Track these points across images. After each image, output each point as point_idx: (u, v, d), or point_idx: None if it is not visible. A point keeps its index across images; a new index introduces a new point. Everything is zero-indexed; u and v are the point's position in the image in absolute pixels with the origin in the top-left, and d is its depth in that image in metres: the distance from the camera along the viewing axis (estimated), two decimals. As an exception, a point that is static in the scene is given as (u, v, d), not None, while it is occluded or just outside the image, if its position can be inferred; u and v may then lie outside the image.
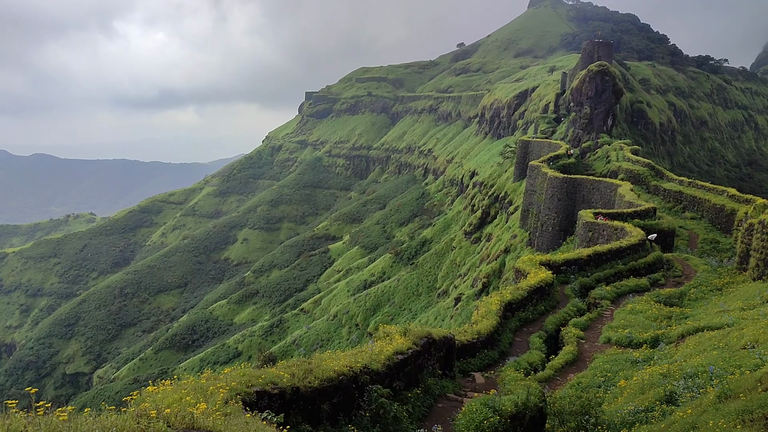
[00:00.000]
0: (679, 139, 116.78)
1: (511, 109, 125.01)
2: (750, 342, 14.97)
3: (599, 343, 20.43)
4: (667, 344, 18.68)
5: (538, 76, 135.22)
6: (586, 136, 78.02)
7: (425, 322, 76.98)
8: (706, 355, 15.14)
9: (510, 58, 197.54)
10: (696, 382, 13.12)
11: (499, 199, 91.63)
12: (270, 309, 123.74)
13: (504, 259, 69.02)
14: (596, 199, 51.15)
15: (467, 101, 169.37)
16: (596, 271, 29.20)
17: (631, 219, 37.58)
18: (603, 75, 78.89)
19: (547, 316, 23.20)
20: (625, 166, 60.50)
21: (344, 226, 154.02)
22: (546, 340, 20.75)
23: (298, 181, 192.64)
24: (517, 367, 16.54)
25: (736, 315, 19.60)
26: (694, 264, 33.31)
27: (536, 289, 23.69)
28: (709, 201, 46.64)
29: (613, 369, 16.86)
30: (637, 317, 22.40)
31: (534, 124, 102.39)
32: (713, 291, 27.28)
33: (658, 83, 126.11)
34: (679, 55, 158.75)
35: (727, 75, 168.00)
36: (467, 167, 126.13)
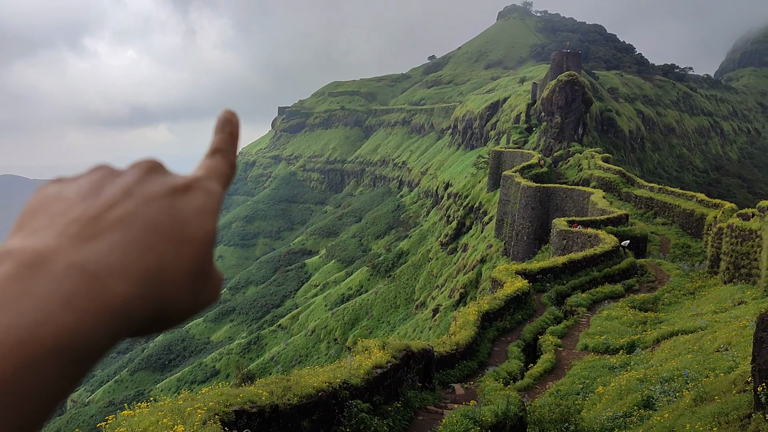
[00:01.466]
0: (648, 146, 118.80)
1: (483, 120, 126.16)
2: (723, 344, 15.21)
3: (577, 350, 20.58)
4: (643, 349, 18.90)
5: (509, 87, 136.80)
6: (558, 145, 78.99)
7: (404, 334, 76.88)
8: (681, 359, 15.35)
9: (481, 70, 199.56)
10: (672, 386, 13.29)
11: (473, 209, 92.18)
12: (247, 326, 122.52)
13: (480, 268, 69.35)
14: (569, 207, 51.72)
15: (440, 113, 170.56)
16: (572, 279, 29.46)
17: (605, 226, 38.05)
18: (572, 85, 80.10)
19: (525, 324, 23.33)
20: (596, 173, 61.32)
21: (320, 240, 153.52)
22: (524, 348, 20.86)
23: (273, 196, 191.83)
24: (496, 376, 16.58)
25: (709, 318, 19.91)
26: (667, 269, 33.80)
27: (513, 298, 23.82)
28: (679, 206, 47.45)
29: (591, 376, 16.99)
30: (613, 323, 22.63)
31: (506, 135, 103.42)
32: (686, 295, 27.71)
33: (626, 92, 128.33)
34: (645, 64, 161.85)
35: (693, 83, 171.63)
36: (441, 178, 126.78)
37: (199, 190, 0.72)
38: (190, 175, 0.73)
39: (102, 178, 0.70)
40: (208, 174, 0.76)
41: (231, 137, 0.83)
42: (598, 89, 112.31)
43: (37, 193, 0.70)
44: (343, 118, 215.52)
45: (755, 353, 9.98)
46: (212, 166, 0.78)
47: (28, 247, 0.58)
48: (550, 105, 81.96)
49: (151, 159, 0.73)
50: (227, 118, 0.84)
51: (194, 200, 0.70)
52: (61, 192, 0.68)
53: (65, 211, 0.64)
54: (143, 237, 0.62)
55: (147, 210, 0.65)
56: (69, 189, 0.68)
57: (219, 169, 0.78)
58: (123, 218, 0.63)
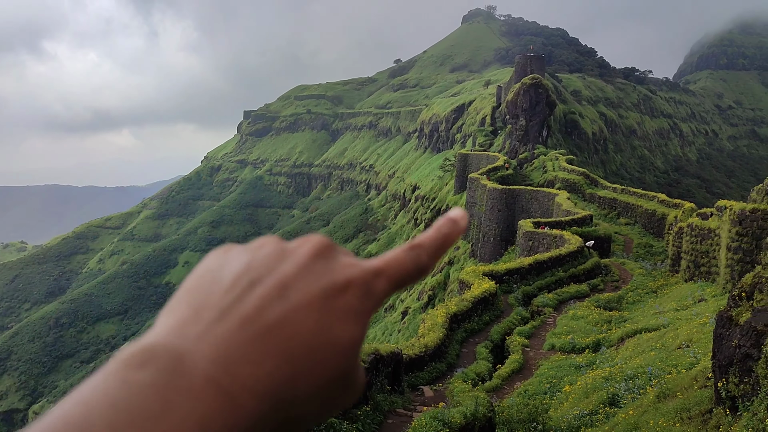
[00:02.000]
0: (610, 147, 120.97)
1: (449, 123, 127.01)
2: (685, 341, 15.54)
3: (544, 350, 20.82)
4: (608, 348, 19.21)
5: (474, 90, 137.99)
6: (523, 147, 79.91)
7: (373, 337, 76.88)
8: (644, 357, 15.64)
9: (446, 73, 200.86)
10: (636, 383, 13.52)
11: (441, 211, 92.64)
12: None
13: (448, 270, 69.72)
14: (535, 208, 52.35)
15: (406, 116, 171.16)
16: (538, 279, 29.80)
17: (569, 227, 38.59)
18: (536, 88, 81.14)
19: (493, 325, 23.52)
20: (561, 175, 62.19)
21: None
22: (492, 349, 21.02)
23: (239, 200, 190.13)
24: (464, 378, 16.68)
25: (671, 316, 20.34)
26: (630, 268, 34.44)
27: (481, 299, 24.00)
28: (641, 207, 48.41)
29: (558, 375, 17.20)
30: (579, 323, 22.96)
31: (472, 137, 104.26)
32: (649, 293, 28.26)
33: (588, 94, 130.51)
34: (606, 67, 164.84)
35: (652, 85, 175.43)
36: (409, 181, 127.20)
37: (359, 288, 0.66)
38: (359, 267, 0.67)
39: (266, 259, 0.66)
40: (382, 269, 0.69)
41: (444, 239, 0.74)
42: (562, 92, 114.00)
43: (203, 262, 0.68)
44: (310, 121, 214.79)
45: (715, 349, 10.23)
46: (397, 260, 0.70)
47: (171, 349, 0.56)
48: (514, 108, 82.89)
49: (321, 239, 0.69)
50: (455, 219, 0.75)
51: (349, 301, 0.64)
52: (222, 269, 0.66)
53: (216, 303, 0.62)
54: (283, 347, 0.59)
55: (296, 315, 0.61)
56: (230, 267, 0.66)
57: (401, 266, 0.70)
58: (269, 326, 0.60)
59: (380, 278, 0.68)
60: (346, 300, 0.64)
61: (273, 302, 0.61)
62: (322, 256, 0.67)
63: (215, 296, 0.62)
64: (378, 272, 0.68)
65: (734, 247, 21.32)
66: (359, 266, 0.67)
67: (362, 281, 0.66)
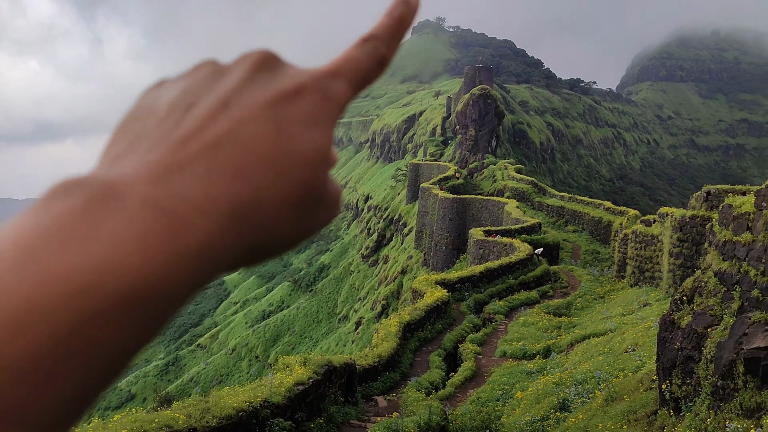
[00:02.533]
0: (558, 156, 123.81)
1: (401, 133, 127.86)
2: (631, 345, 15.96)
3: (496, 357, 21.06)
4: (558, 353, 19.56)
5: (425, 101, 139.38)
6: (473, 157, 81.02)
7: (327, 348, 76.43)
8: (593, 361, 15.99)
9: (397, 84, 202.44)
10: (585, 387, 13.81)
11: (393, 221, 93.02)
12: (165, 347, 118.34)
13: (401, 280, 69.96)
14: (485, 217, 53.06)
15: (358, 127, 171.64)
16: (489, 287, 30.16)
17: (519, 235, 39.24)
18: (485, 98, 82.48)
19: (445, 334, 23.67)
20: (510, 184, 63.25)
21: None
22: (445, 357, 21.15)
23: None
24: (418, 387, 16.73)
25: (618, 321, 20.86)
26: (579, 274, 35.21)
27: (433, 308, 24.14)
28: (588, 214, 49.62)
29: (510, 381, 17.42)
30: (530, 329, 23.33)
31: (423, 147, 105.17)
32: (597, 299, 28.93)
33: (536, 105, 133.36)
34: (553, 78, 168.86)
35: (597, 96, 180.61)
36: (361, 191, 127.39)
37: (313, 94, 0.57)
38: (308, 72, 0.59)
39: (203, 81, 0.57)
40: (338, 69, 0.60)
41: (398, 25, 0.64)
42: (510, 102, 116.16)
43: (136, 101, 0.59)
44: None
45: (659, 353, 10.54)
46: (351, 58, 0.61)
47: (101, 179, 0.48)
48: (464, 118, 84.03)
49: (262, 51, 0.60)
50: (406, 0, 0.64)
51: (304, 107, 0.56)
52: (156, 101, 0.57)
53: (152, 132, 0.54)
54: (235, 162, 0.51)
55: (244, 128, 0.53)
56: (165, 97, 0.58)
57: (358, 64, 0.61)
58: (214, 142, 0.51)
59: (337, 79, 0.60)
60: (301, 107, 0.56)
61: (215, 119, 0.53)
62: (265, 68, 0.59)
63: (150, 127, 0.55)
64: (333, 73, 0.60)
65: (675, 253, 22.05)
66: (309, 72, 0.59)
67: (316, 85, 0.58)
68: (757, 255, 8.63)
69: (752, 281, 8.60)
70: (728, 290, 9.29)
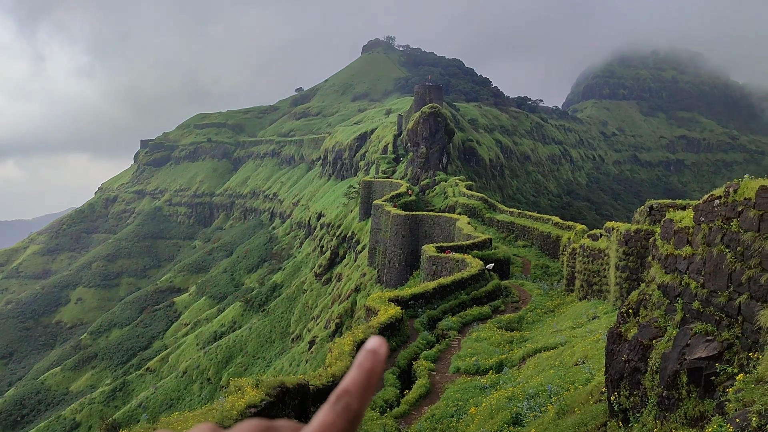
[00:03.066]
0: (507, 173, 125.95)
1: (353, 150, 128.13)
2: (580, 358, 16.25)
3: (450, 373, 21.14)
4: (511, 368, 19.76)
5: (376, 119, 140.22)
6: (424, 174, 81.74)
7: (280, 369, 75.35)
8: (544, 375, 16.20)
9: (348, 102, 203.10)
10: (537, 401, 13.97)
11: (346, 239, 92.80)
12: (111, 372, 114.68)
13: (355, 297, 69.70)
14: (437, 233, 53.47)
15: (309, 144, 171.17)
16: (442, 303, 30.32)
17: (471, 250, 39.66)
18: (435, 116, 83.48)
19: (399, 351, 23.66)
20: (461, 200, 64.00)
21: (189, 276, 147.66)
22: (399, 375, 21.13)
23: (137, 232, 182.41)
24: (373, 405, 16.64)
25: (568, 334, 21.23)
26: (529, 289, 35.74)
27: (387, 325, 24.11)
28: (537, 229, 50.55)
29: (464, 397, 17.49)
30: (482, 344, 23.51)
31: (375, 165, 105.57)
32: (547, 313, 29.39)
33: (485, 122, 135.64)
34: (501, 97, 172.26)
35: (544, 114, 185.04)
36: (314, 209, 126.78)
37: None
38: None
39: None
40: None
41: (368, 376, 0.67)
42: (460, 120, 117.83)
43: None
44: (211, 150, 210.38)
45: (607, 365, 10.76)
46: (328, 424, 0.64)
47: None
48: (415, 136, 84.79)
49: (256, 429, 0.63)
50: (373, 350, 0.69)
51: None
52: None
53: None
54: None
55: None
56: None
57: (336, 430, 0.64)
58: None
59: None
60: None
61: None
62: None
63: None
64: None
65: (622, 266, 22.62)
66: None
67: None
68: (696, 268, 8.94)
69: (693, 293, 8.89)
70: (671, 302, 9.58)
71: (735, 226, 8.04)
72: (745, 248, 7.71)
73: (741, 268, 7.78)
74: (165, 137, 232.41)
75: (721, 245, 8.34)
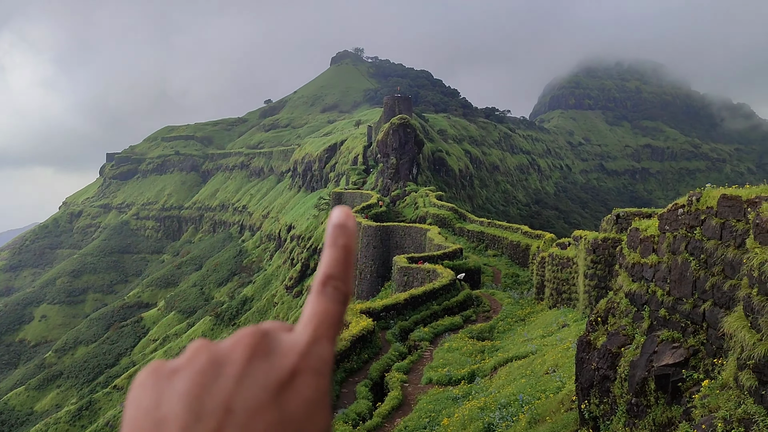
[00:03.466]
0: (476, 183, 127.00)
1: (322, 162, 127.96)
2: (551, 367, 16.37)
3: (422, 385, 21.11)
4: (483, 378, 19.82)
5: (346, 130, 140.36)
6: (395, 185, 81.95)
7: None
8: (516, 384, 16.28)
9: (317, 113, 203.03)
10: (509, 411, 14.02)
11: (317, 250, 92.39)
12: (78, 390, 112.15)
13: (326, 310, 69.36)
14: (408, 244, 53.57)
15: (279, 156, 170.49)
16: (414, 314, 30.33)
17: (442, 261, 39.79)
18: (405, 127, 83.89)
19: (372, 363, 23.57)
20: (432, 211, 64.26)
21: (158, 291, 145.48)
22: (372, 387, 21.03)
23: (103, 247, 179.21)
24: (345, 419, 16.53)
25: (538, 342, 21.39)
26: (500, 298, 35.97)
27: (359, 338, 24.02)
28: (506, 238, 50.97)
29: (437, 408, 17.47)
30: (454, 354, 23.55)
31: (345, 176, 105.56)
32: (518, 322, 29.60)
33: (454, 133, 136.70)
34: (469, 107, 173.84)
35: (512, 124, 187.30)
36: (284, 221, 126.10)
37: (307, 374, 0.62)
38: (296, 349, 0.63)
39: (203, 379, 0.60)
40: (317, 334, 0.65)
41: (346, 254, 0.69)
42: (429, 131, 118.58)
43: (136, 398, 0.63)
44: (179, 163, 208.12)
45: (578, 373, 10.86)
46: (322, 313, 0.67)
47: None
48: (385, 147, 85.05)
49: (255, 333, 0.64)
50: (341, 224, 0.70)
51: (302, 392, 0.60)
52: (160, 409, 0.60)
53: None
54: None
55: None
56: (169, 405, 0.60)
57: (330, 318, 0.67)
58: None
59: (320, 344, 0.65)
60: (300, 394, 0.61)
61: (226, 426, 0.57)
62: (260, 353, 0.63)
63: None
64: (315, 340, 0.65)
65: (590, 274, 22.91)
66: (296, 347, 0.64)
67: (307, 364, 0.63)
68: (662, 276, 9.09)
69: (659, 301, 9.04)
70: (638, 310, 9.73)
71: (698, 235, 8.19)
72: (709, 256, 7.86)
73: (705, 276, 7.93)
74: (132, 150, 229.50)
75: (685, 253, 8.49)
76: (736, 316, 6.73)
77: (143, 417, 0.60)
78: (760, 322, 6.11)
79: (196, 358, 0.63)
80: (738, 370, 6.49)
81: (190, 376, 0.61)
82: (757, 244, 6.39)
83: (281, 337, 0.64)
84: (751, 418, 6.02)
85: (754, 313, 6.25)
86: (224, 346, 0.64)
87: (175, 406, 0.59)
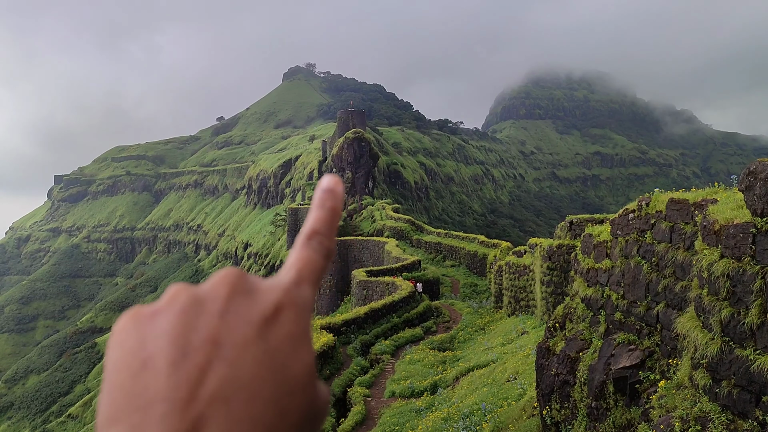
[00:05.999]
0: (432, 194, 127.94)
1: (278, 178, 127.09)
2: (512, 374, 16.49)
3: (385, 398, 21.00)
4: (445, 388, 19.83)
5: (300, 146, 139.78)
6: (351, 198, 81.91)
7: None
8: (478, 393, 16.33)
9: (271, 129, 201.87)
10: (473, 420, 14.04)
11: (275, 267, 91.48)
12: (30, 421, 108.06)
13: (286, 327, 68.66)
14: (367, 257, 53.51)
15: (233, 173, 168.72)
16: (374, 327, 30.23)
17: (400, 273, 39.85)
18: (359, 141, 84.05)
19: (333, 379, 23.36)
20: (389, 224, 64.39)
21: (112, 315, 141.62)
22: (334, 404, 20.83)
23: (54, 272, 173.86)
24: (309, 438, 16.27)
25: (499, 351, 21.54)
26: (459, 308, 36.16)
27: (320, 354, 23.79)
28: (464, 248, 51.37)
29: (400, 421, 17.38)
30: (416, 366, 23.53)
31: (301, 192, 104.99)
32: (478, 331, 29.76)
33: (408, 146, 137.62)
34: (422, 120, 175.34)
35: (465, 135, 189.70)
36: (240, 239, 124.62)
37: (290, 309, 0.63)
38: (279, 287, 0.64)
39: (185, 318, 0.60)
40: (300, 276, 0.67)
41: (332, 215, 0.71)
42: (383, 144, 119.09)
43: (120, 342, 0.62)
44: (130, 183, 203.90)
45: (538, 379, 10.96)
46: (306, 260, 0.68)
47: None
48: (340, 161, 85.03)
49: (232, 273, 0.64)
50: (330, 189, 0.73)
51: (286, 327, 0.61)
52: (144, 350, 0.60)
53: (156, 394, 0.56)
54: (246, 410, 0.55)
55: (242, 370, 0.56)
56: (153, 344, 0.59)
57: (313, 264, 0.68)
58: (219, 391, 0.55)
59: (302, 286, 0.67)
60: (284, 328, 0.61)
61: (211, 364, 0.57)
62: (240, 291, 0.63)
63: (154, 386, 0.57)
64: (298, 281, 0.66)
65: (546, 281, 23.23)
66: (280, 286, 0.65)
67: (290, 300, 0.64)
68: (616, 280, 9.26)
69: (615, 305, 9.20)
70: (595, 315, 9.88)
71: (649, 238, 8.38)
72: (660, 259, 8.05)
73: (657, 278, 8.11)
74: (81, 172, 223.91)
75: (637, 257, 8.67)
76: (688, 316, 6.89)
77: (129, 357, 0.60)
78: (711, 321, 6.27)
79: (176, 298, 0.63)
80: (692, 369, 6.64)
81: (173, 314, 0.61)
82: (705, 246, 6.57)
83: (261, 280, 0.65)
84: (707, 416, 6.15)
85: (706, 313, 6.40)
86: (203, 287, 0.64)
87: (161, 344, 0.59)
